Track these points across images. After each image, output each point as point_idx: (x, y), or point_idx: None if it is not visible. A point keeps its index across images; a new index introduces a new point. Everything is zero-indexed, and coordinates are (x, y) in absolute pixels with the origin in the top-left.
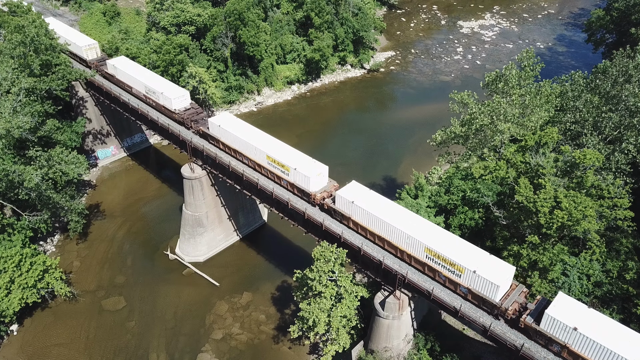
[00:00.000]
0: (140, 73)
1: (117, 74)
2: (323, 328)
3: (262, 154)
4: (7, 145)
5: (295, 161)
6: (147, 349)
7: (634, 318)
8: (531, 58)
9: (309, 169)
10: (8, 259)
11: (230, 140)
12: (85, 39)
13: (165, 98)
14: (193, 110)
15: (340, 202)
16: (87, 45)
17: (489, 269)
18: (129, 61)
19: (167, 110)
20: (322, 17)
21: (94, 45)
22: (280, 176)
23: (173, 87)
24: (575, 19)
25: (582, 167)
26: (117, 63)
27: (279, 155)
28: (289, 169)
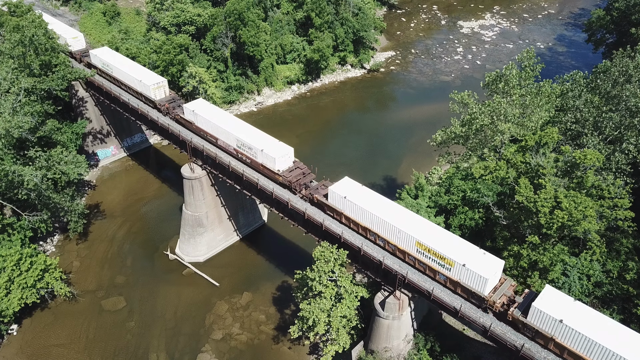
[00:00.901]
0: (228, 122)
1: (196, 120)
2: (323, 328)
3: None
4: (6, 145)
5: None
6: (147, 349)
7: (634, 318)
8: (531, 58)
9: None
10: (8, 258)
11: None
12: (153, 77)
13: (266, 156)
14: (299, 172)
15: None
16: (155, 84)
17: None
18: (210, 106)
19: (268, 171)
20: (322, 17)
21: (163, 84)
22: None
23: (275, 144)
24: (576, 19)
25: (582, 167)
26: (197, 107)
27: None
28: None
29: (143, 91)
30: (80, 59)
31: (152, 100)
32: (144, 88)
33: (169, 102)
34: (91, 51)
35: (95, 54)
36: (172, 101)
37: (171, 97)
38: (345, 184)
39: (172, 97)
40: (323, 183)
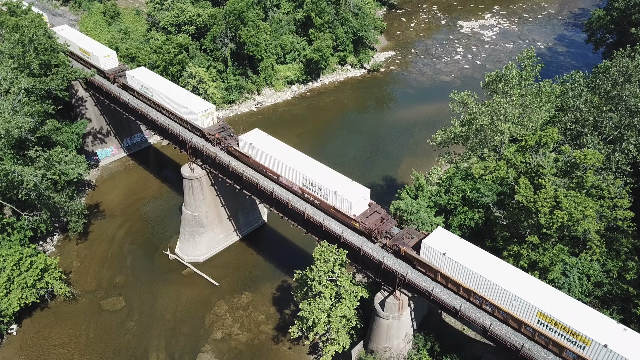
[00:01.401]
0: (293, 157)
1: (254, 154)
2: (323, 328)
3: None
4: (6, 145)
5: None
6: (147, 349)
7: (634, 318)
8: (531, 58)
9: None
10: (8, 258)
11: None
12: (201, 103)
13: (340, 199)
14: (377, 217)
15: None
16: (203, 111)
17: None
18: (269, 137)
19: (340, 214)
20: (322, 17)
21: (211, 111)
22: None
23: (350, 185)
24: (576, 19)
25: (582, 167)
26: (256, 139)
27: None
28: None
29: (189, 119)
30: (114, 79)
31: (200, 128)
32: (190, 115)
33: (219, 131)
34: (128, 72)
35: (133, 75)
36: (222, 130)
37: (220, 125)
38: (437, 235)
39: (221, 125)
40: (408, 231)
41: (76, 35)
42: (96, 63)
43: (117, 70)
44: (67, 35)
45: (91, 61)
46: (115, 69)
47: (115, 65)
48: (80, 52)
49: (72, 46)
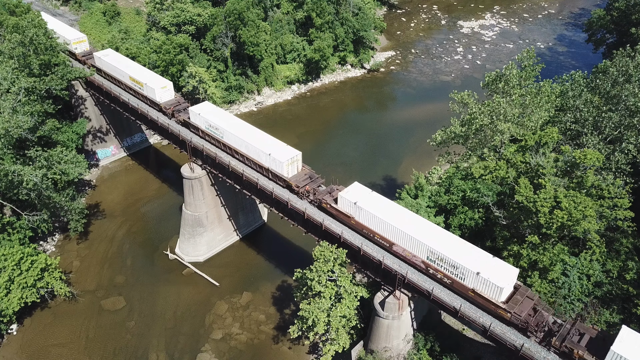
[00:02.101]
0: (410, 222)
1: (358, 214)
2: (323, 328)
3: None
4: (6, 145)
5: (145, 78)
6: (147, 349)
7: (634, 318)
8: (531, 58)
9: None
10: (9, 257)
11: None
12: (286, 150)
13: (485, 283)
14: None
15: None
16: (289, 159)
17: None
18: (377, 195)
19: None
20: (323, 17)
21: (297, 158)
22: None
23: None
24: (576, 19)
25: (582, 167)
26: (361, 198)
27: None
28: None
29: (272, 167)
30: (172, 114)
31: (285, 179)
32: (273, 163)
33: (308, 182)
34: (191, 108)
35: (198, 112)
36: (310, 180)
37: (307, 173)
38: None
39: (308, 174)
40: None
41: (123, 62)
42: (151, 95)
43: (175, 103)
44: (112, 62)
45: (144, 92)
46: (172, 102)
47: (172, 97)
48: (131, 82)
49: (120, 74)
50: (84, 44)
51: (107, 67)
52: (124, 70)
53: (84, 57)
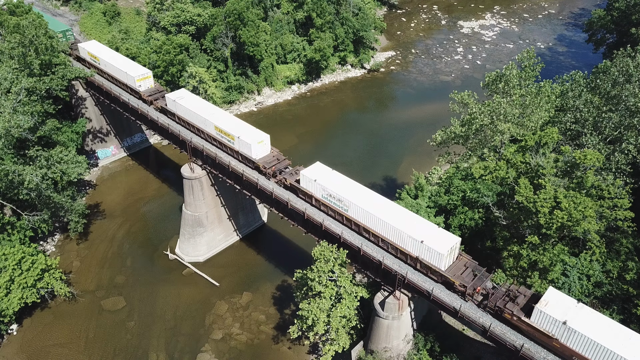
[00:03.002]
0: None
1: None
2: (322, 328)
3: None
4: (7, 145)
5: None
6: (147, 349)
7: (634, 318)
8: (532, 58)
9: (251, 137)
10: (10, 257)
11: None
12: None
13: None
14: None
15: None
16: (258, 142)
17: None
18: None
19: None
20: (323, 17)
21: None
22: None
23: None
24: (576, 19)
25: (582, 167)
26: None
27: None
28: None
29: (241, 149)
30: (274, 174)
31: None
32: (242, 145)
33: (275, 164)
34: (304, 172)
35: (315, 178)
36: (277, 162)
37: (275, 155)
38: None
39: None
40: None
41: (205, 107)
42: (244, 151)
43: (273, 161)
44: (190, 106)
45: (235, 147)
46: (270, 159)
47: (268, 151)
48: (216, 132)
49: (200, 122)
50: (148, 80)
51: (184, 112)
52: (207, 119)
53: (150, 97)
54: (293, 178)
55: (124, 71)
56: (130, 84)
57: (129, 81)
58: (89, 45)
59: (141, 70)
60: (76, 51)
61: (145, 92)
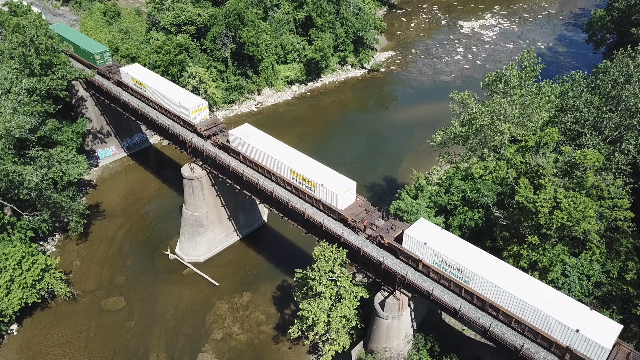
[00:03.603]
0: None
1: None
2: (323, 328)
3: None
4: (7, 145)
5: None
6: (147, 349)
7: (634, 319)
8: (532, 58)
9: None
10: (10, 256)
11: None
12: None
13: None
14: None
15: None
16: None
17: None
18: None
19: None
20: (323, 17)
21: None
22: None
23: None
24: (576, 19)
25: (582, 167)
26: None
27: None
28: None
29: (182, 114)
30: (364, 229)
31: (193, 124)
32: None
33: (212, 128)
34: (406, 232)
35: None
36: (215, 125)
37: (215, 122)
38: None
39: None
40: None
41: (278, 148)
42: (329, 200)
43: (361, 212)
44: (260, 145)
45: (316, 195)
46: (357, 210)
47: (353, 200)
48: (292, 177)
49: (272, 163)
50: (203, 111)
51: (251, 152)
52: (281, 161)
53: (207, 132)
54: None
55: (176, 101)
56: (184, 115)
57: (182, 113)
58: (133, 69)
59: (196, 101)
60: (116, 75)
61: (201, 126)
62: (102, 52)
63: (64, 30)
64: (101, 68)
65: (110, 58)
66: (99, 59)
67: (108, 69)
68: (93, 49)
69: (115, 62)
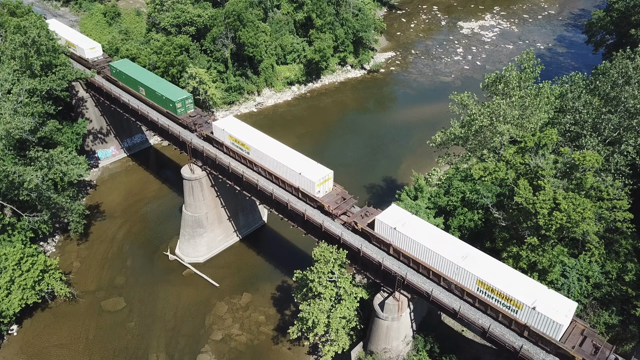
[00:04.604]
0: None
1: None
2: (322, 329)
3: None
4: (7, 146)
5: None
6: (147, 350)
7: (633, 319)
8: (531, 60)
9: (311, 174)
10: (10, 257)
11: None
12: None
13: None
14: None
15: None
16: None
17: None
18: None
19: None
20: (323, 18)
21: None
22: None
23: None
24: (576, 19)
25: (581, 168)
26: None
27: None
28: None
29: None
30: None
31: (177, 118)
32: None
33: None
34: None
35: None
36: (199, 116)
37: (199, 113)
38: None
39: (200, 114)
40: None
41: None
42: (310, 190)
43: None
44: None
45: (297, 184)
46: (330, 196)
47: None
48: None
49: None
50: (328, 183)
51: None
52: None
53: (336, 210)
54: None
55: (296, 172)
56: (306, 188)
57: (303, 185)
58: (228, 124)
59: (322, 172)
60: (204, 128)
61: (327, 202)
62: (184, 99)
63: (132, 69)
64: (183, 118)
65: (192, 105)
66: (180, 107)
67: (192, 120)
68: (173, 95)
69: (197, 109)
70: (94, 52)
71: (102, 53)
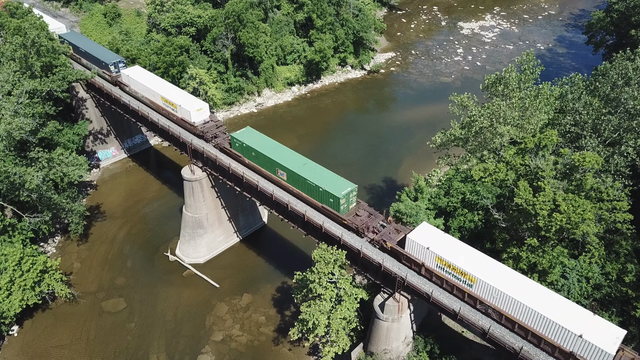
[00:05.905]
0: None
1: None
2: (323, 330)
3: None
4: (8, 147)
5: None
6: (147, 351)
7: (633, 320)
8: (531, 61)
9: None
10: (10, 257)
11: None
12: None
13: None
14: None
15: None
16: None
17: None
18: None
19: None
20: (323, 18)
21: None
22: None
23: None
24: (576, 20)
25: (581, 169)
26: None
27: None
28: None
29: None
30: None
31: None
32: None
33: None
34: None
35: None
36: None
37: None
38: None
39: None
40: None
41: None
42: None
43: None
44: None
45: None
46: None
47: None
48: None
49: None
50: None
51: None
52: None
53: None
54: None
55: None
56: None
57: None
58: None
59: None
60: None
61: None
62: (348, 192)
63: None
64: None
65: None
66: (343, 203)
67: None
68: (335, 188)
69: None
70: (201, 114)
71: (210, 114)
